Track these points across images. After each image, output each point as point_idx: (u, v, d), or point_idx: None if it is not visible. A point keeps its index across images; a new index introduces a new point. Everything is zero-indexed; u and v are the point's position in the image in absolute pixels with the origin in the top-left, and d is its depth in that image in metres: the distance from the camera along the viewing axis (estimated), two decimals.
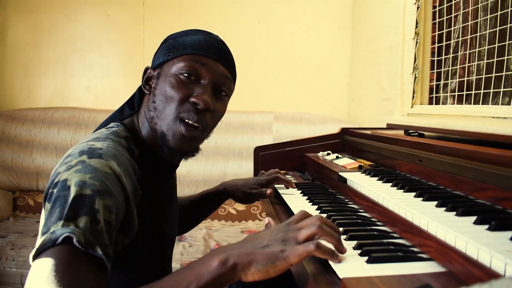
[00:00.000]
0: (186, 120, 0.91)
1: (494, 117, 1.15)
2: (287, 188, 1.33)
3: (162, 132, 0.92)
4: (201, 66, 0.93)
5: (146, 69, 1.00)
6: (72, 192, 0.69)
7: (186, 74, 0.92)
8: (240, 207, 2.69)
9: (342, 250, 0.70)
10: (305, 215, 0.75)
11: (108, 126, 0.95)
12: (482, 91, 1.31)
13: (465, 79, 1.41)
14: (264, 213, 2.61)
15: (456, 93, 1.45)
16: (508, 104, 1.18)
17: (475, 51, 1.35)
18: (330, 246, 0.70)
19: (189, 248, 2.20)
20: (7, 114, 2.89)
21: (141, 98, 1.02)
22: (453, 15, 1.49)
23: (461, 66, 1.44)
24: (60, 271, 0.60)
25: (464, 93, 1.41)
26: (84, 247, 0.63)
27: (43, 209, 0.76)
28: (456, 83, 1.46)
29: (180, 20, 3.04)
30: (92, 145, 0.80)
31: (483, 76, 1.32)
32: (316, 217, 0.71)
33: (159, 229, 0.99)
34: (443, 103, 1.54)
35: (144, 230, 0.91)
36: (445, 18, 1.54)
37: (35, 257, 0.64)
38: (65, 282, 0.59)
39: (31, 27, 3.08)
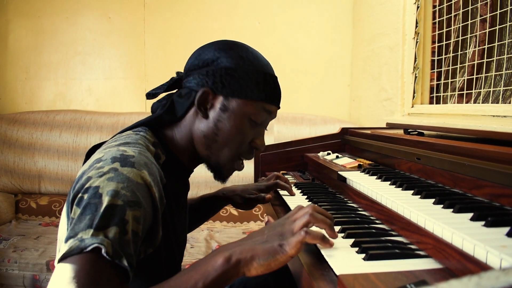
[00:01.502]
0: (242, 158, 1.01)
1: (494, 116, 1.15)
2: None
3: (218, 164, 0.99)
4: (269, 115, 1.00)
5: (207, 93, 0.94)
6: (104, 201, 0.69)
7: (255, 122, 0.97)
8: None
9: (333, 235, 0.75)
10: (300, 208, 0.78)
11: (136, 129, 0.95)
12: (482, 90, 1.31)
13: (466, 78, 1.40)
14: (265, 214, 2.61)
15: (457, 92, 1.45)
16: (509, 102, 1.18)
17: (476, 50, 1.35)
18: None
19: (191, 249, 2.20)
20: (9, 117, 2.90)
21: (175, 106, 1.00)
22: (453, 14, 1.49)
23: (461, 65, 1.44)
24: (83, 278, 0.61)
25: (465, 92, 1.40)
26: (111, 257, 0.64)
27: (67, 210, 0.76)
28: (457, 82, 1.46)
29: (180, 21, 3.05)
30: (124, 151, 0.79)
31: (483, 75, 1.32)
32: (309, 206, 0.75)
33: (175, 233, 1.00)
34: (443, 103, 1.54)
35: (165, 237, 0.92)
36: (445, 17, 1.54)
37: (60, 260, 0.64)
38: None
39: (32, 30, 3.10)
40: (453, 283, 0.32)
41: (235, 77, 0.94)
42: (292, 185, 1.40)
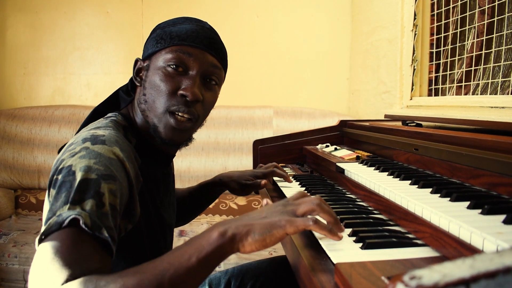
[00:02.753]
0: (176, 113, 0.93)
1: (492, 107, 1.15)
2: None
3: (154, 125, 0.94)
4: (189, 57, 0.94)
5: (136, 60, 1.01)
6: (78, 176, 0.69)
7: (174, 66, 0.93)
8: (241, 201, 2.69)
9: (340, 229, 0.72)
10: (304, 194, 0.77)
11: (106, 116, 0.96)
12: (481, 81, 1.31)
13: (464, 69, 1.40)
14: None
15: (455, 84, 1.45)
16: (507, 93, 1.18)
17: (474, 42, 1.35)
18: None
19: None
20: (8, 113, 2.90)
21: (134, 88, 1.05)
22: (451, 6, 1.49)
23: (459, 57, 1.44)
24: (66, 252, 0.60)
25: (463, 84, 1.40)
26: (90, 229, 0.64)
27: (47, 197, 0.76)
28: (455, 74, 1.46)
29: (178, 15, 3.04)
30: (94, 132, 0.81)
31: (481, 67, 1.32)
32: (316, 197, 0.74)
33: (159, 216, 1.00)
34: (442, 95, 1.53)
35: (145, 217, 0.93)
36: (443, 9, 1.53)
37: (41, 241, 0.64)
38: (70, 262, 0.59)
39: (30, 25, 3.09)
40: (447, 265, 0.32)
41: (153, 37, 0.98)
42: (290, 177, 1.40)
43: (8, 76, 3.13)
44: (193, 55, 0.94)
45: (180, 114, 0.93)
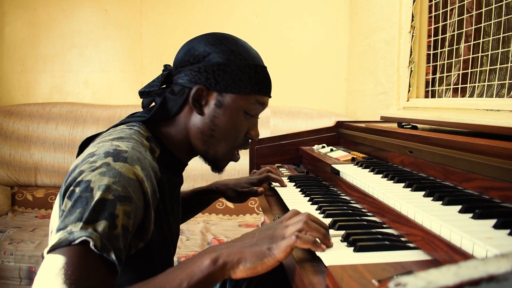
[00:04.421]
0: (238, 150, 1.03)
1: (487, 110, 1.16)
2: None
3: (216, 157, 1.01)
4: (262, 106, 1.01)
5: (199, 88, 0.94)
6: (95, 195, 0.69)
7: (249, 114, 0.99)
8: None
9: (328, 244, 0.72)
10: (296, 213, 0.76)
11: (129, 124, 0.95)
12: (477, 84, 1.32)
13: (461, 72, 1.41)
14: (260, 208, 2.62)
15: (452, 86, 1.45)
16: (502, 96, 1.18)
17: (470, 44, 1.35)
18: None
19: (187, 241, 2.21)
20: (5, 110, 2.90)
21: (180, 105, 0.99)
22: (449, 8, 1.49)
23: (456, 59, 1.44)
24: (70, 270, 0.61)
25: (459, 86, 1.41)
26: (99, 251, 0.65)
27: (59, 203, 0.77)
28: (452, 76, 1.46)
29: (177, 14, 3.04)
30: (117, 146, 0.80)
31: (478, 69, 1.32)
32: (304, 214, 0.73)
33: (169, 228, 1.01)
34: (439, 97, 1.54)
35: (158, 229, 0.93)
36: (441, 11, 1.54)
37: (50, 251, 0.65)
38: (73, 281, 0.60)
39: (29, 22, 3.09)
40: (432, 272, 0.33)
41: (228, 72, 0.94)
42: (286, 178, 1.41)
43: (6, 73, 3.12)
44: (265, 104, 1.02)
45: (242, 150, 1.04)
